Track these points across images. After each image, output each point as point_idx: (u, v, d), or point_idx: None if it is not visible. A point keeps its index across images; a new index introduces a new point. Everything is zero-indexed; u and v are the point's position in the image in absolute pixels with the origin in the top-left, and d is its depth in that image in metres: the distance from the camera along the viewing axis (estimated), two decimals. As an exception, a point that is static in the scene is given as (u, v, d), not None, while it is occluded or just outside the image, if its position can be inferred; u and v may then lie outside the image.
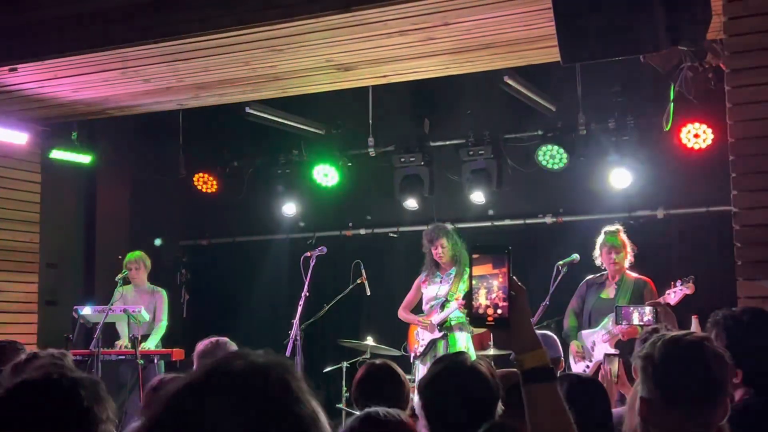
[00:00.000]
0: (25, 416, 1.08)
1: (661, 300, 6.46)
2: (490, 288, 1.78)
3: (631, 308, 4.62)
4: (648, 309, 4.63)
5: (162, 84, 7.18)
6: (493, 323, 1.78)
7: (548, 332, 5.46)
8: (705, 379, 2.19)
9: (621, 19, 4.32)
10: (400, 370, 3.86)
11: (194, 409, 1.11)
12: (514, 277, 1.80)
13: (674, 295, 6.39)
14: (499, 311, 1.77)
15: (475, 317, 1.79)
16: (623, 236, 6.92)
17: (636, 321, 5.66)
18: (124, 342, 7.85)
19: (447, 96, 8.89)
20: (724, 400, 2.21)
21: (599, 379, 4.67)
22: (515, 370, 2.17)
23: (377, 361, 3.94)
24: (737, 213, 4.83)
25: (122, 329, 7.99)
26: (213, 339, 4.86)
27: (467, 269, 7.46)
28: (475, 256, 1.81)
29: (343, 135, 9.61)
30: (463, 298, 1.73)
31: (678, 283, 6.40)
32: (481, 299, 1.78)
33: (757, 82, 4.81)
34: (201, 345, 4.83)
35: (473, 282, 1.79)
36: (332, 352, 8.92)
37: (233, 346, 4.86)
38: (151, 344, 7.87)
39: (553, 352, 4.61)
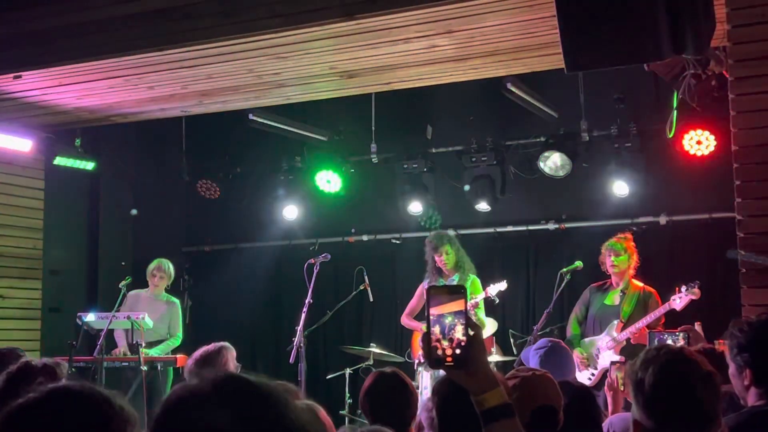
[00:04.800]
0: (59, 423, 1.09)
1: (667, 305, 6.47)
2: (448, 328, 1.77)
3: (664, 335, 4.61)
4: (681, 335, 4.61)
5: (166, 91, 7.20)
6: (452, 364, 1.77)
7: (562, 343, 5.45)
8: (695, 408, 2.24)
9: (625, 28, 4.33)
10: (409, 380, 3.83)
11: (200, 417, 1.13)
12: (470, 317, 1.80)
13: (680, 300, 6.40)
14: (458, 351, 1.77)
15: (433, 359, 1.78)
16: (628, 243, 6.93)
17: None
18: (122, 350, 7.82)
19: (450, 102, 8.90)
20: (715, 425, 2.25)
21: (606, 386, 4.66)
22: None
23: (386, 370, 3.87)
24: (741, 221, 4.83)
25: (120, 337, 7.95)
26: (215, 344, 4.84)
27: (470, 276, 7.54)
28: (431, 297, 1.80)
29: (345, 141, 9.62)
30: (421, 340, 1.74)
31: (683, 288, 6.41)
32: (440, 340, 1.77)
33: (761, 90, 4.81)
34: (200, 350, 4.81)
35: (430, 324, 1.78)
36: (335, 359, 8.93)
37: (233, 352, 4.84)
38: (156, 351, 7.80)
39: (567, 373, 4.61)
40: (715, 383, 2.29)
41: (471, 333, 1.77)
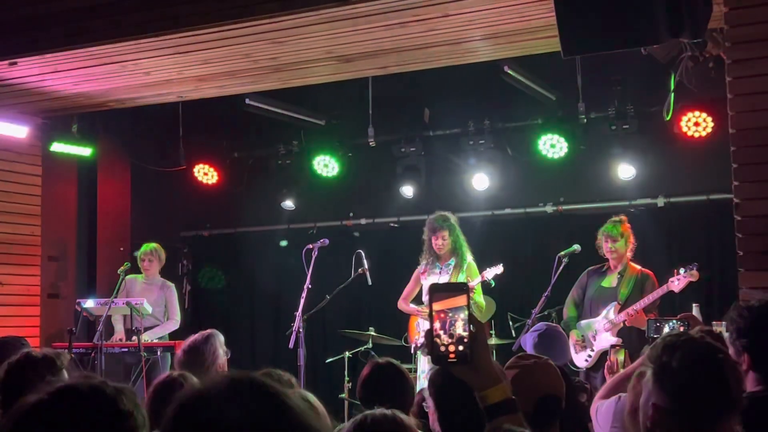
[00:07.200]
0: (68, 422, 1.12)
1: (665, 287, 6.48)
2: (450, 325, 1.78)
3: (661, 321, 4.63)
4: (677, 323, 4.62)
5: (162, 77, 7.18)
6: (455, 360, 1.78)
7: (559, 328, 5.46)
8: (722, 394, 2.19)
9: (622, 12, 4.32)
10: (404, 369, 3.86)
11: (214, 415, 1.18)
12: (472, 313, 1.80)
13: (678, 282, 6.42)
14: (461, 348, 1.78)
15: (436, 355, 1.79)
16: (624, 227, 6.93)
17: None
18: (118, 336, 7.82)
19: (447, 85, 8.87)
20: (737, 410, 2.21)
21: (605, 369, 4.67)
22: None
23: (381, 360, 3.91)
24: (739, 204, 4.84)
25: (117, 322, 7.95)
26: (202, 333, 4.79)
27: (465, 260, 7.53)
28: (433, 293, 1.81)
29: (342, 125, 9.60)
30: (424, 337, 1.74)
31: (681, 270, 6.41)
32: (442, 337, 1.78)
33: (759, 73, 4.81)
34: (189, 340, 4.76)
35: (433, 320, 1.79)
36: (334, 343, 8.95)
37: (221, 339, 4.79)
38: (151, 336, 7.76)
39: (558, 357, 4.62)
40: (740, 371, 2.27)
41: (473, 329, 1.78)
